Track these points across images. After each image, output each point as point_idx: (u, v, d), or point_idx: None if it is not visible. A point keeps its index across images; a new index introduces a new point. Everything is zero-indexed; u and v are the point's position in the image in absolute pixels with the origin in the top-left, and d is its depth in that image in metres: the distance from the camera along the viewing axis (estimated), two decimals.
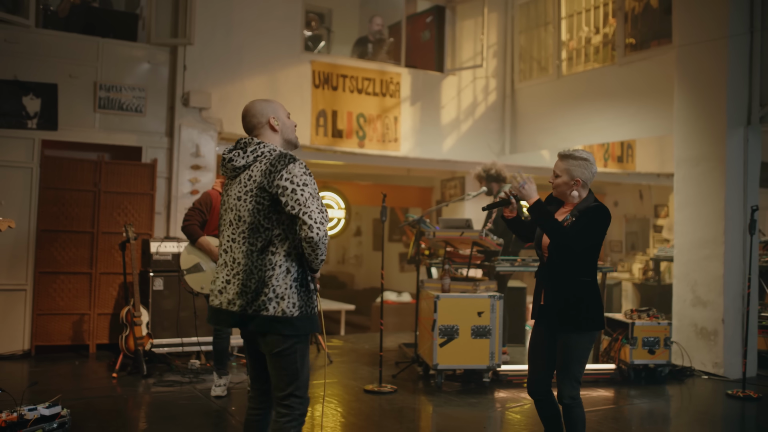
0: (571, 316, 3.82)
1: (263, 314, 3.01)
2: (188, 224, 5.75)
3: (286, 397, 3.07)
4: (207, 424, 5.15)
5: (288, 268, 3.05)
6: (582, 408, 3.86)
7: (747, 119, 7.04)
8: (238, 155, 3.14)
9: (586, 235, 3.77)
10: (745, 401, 6.09)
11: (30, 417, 4.45)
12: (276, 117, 3.22)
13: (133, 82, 7.77)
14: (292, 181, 2.99)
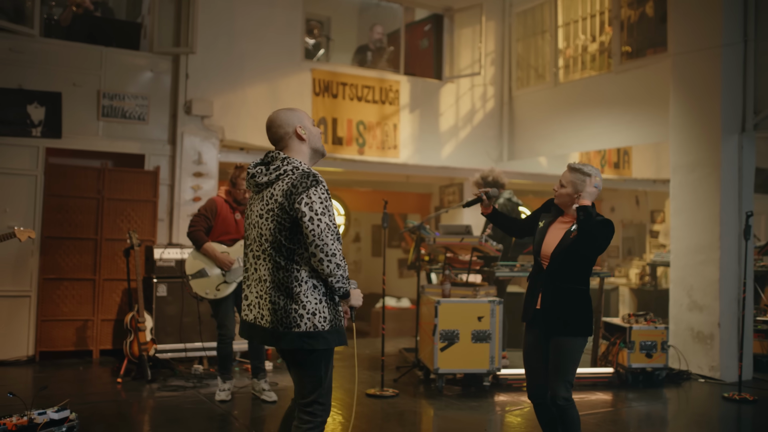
0: (568, 322, 3.93)
1: (295, 330, 3.05)
2: (193, 230, 5.84)
3: (310, 404, 3.15)
4: (212, 427, 5.22)
5: (315, 284, 3.08)
6: (576, 409, 3.96)
7: (741, 126, 7.16)
8: (261, 172, 3.16)
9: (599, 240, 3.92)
10: (741, 404, 6.19)
11: (39, 421, 4.52)
12: (302, 126, 3.22)
13: (136, 90, 7.87)
14: (311, 208, 3.00)
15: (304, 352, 3.09)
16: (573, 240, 3.91)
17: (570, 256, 3.94)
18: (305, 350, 3.08)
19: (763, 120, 7.09)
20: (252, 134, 8.42)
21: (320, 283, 3.10)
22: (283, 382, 6.64)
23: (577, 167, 4.01)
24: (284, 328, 3.06)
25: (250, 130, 8.42)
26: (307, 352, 3.09)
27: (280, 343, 3.08)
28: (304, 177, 3.06)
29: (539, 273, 4.08)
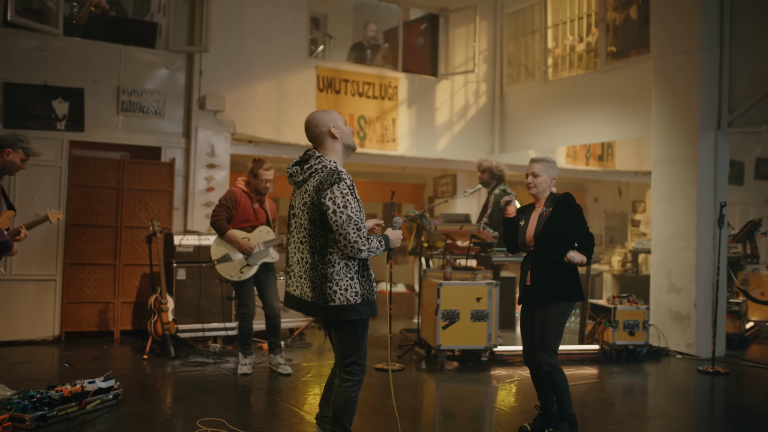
0: (549, 289, 4.55)
1: (331, 304, 3.60)
2: (216, 219, 6.35)
3: (349, 365, 3.72)
4: (240, 395, 5.77)
5: (346, 264, 3.61)
6: (562, 374, 4.57)
7: (717, 124, 7.78)
8: (297, 172, 3.71)
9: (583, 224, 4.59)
10: (715, 376, 6.83)
11: (90, 389, 5.05)
12: (335, 126, 3.73)
13: (153, 86, 8.34)
14: (334, 202, 3.53)
15: (340, 322, 3.65)
16: (546, 221, 4.58)
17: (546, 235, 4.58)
18: (341, 321, 3.64)
19: (737, 118, 7.71)
20: (261, 128, 8.93)
21: (352, 263, 3.63)
22: (296, 358, 7.19)
23: (542, 158, 4.77)
24: (322, 302, 3.62)
25: (259, 123, 8.93)
26: (343, 322, 3.65)
27: (320, 315, 3.66)
28: (330, 175, 3.57)
29: (529, 254, 4.72)
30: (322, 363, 7.16)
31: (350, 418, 3.74)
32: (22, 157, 5.22)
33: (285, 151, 9.16)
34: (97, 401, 5.03)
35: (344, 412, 3.72)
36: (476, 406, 5.78)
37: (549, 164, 4.74)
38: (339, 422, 3.73)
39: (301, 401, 5.60)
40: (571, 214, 4.60)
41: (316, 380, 6.36)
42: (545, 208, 4.66)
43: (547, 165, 4.72)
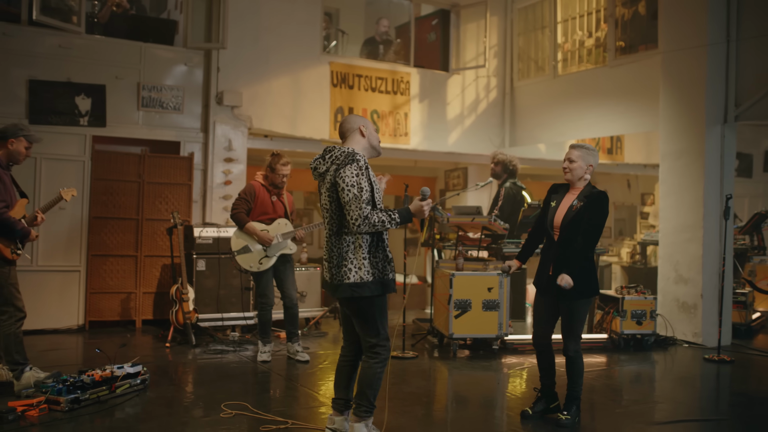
0: (577, 284, 4.69)
1: (345, 282, 3.89)
2: (236, 212, 6.58)
3: (374, 345, 3.97)
4: (261, 381, 6.00)
5: (359, 244, 3.90)
6: (582, 360, 4.77)
7: (724, 118, 7.93)
8: (320, 164, 3.99)
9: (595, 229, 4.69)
10: (720, 364, 7.01)
11: (119, 374, 5.29)
12: (366, 126, 4.08)
13: (172, 82, 8.56)
14: (344, 180, 3.83)
15: (355, 299, 3.91)
16: (575, 214, 4.69)
17: (574, 228, 4.70)
18: (355, 298, 3.89)
19: (743, 112, 7.86)
20: (276, 122, 9.15)
21: (364, 243, 3.89)
22: (312, 347, 7.42)
23: (580, 144, 4.86)
24: (338, 281, 3.90)
25: (275, 118, 9.15)
26: (357, 299, 3.91)
27: (337, 293, 3.93)
28: (347, 156, 3.88)
29: (551, 245, 4.85)
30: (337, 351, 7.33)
31: (375, 392, 4.01)
32: (26, 145, 5.36)
33: (300, 145, 9.38)
34: (126, 385, 5.27)
35: (369, 386, 3.98)
36: (487, 392, 5.99)
37: (588, 151, 4.78)
38: (364, 395, 4.00)
39: (318, 386, 5.83)
40: (595, 220, 4.67)
41: (332, 367, 6.58)
42: (578, 200, 4.72)
43: (585, 152, 4.77)
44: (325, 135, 9.41)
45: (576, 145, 4.85)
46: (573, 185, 4.86)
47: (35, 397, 4.82)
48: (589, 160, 4.77)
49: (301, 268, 8.42)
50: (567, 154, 4.84)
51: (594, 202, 4.69)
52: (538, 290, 4.97)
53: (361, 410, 4.04)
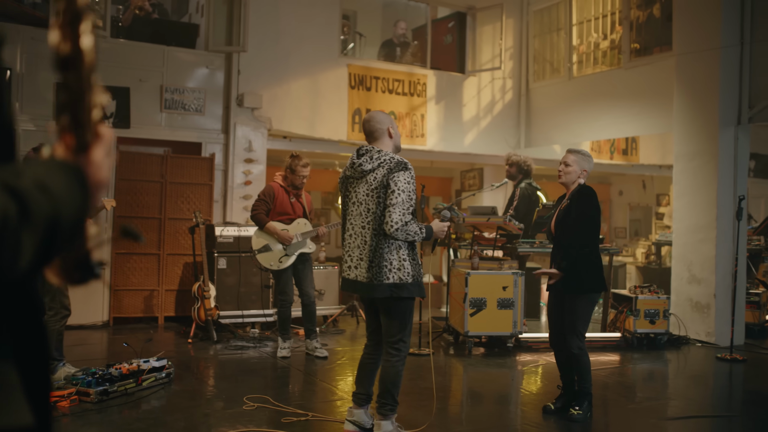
0: (572, 281, 4.85)
1: (386, 282, 4.02)
2: (255, 213, 6.76)
3: (397, 342, 4.13)
4: (281, 376, 6.18)
5: (399, 246, 4.04)
6: (587, 357, 4.91)
7: (737, 119, 8.02)
8: (367, 161, 4.10)
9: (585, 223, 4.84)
10: (733, 363, 7.10)
11: (145, 367, 5.48)
12: (393, 127, 4.22)
13: (193, 85, 8.77)
14: (397, 184, 3.98)
15: (393, 299, 4.04)
16: (565, 213, 4.88)
17: (565, 226, 4.88)
18: (394, 298, 4.02)
19: (757, 113, 7.94)
20: (295, 124, 9.33)
21: (404, 245, 4.05)
22: (330, 344, 7.59)
23: (578, 150, 5.05)
24: (377, 281, 4.02)
25: (294, 120, 9.33)
26: (395, 299, 4.03)
27: (375, 293, 4.04)
28: (399, 164, 4.05)
29: (554, 246, 5.04)
30: (355, 348, 7.54)
31: (398, 389, 4.18)
32: None
33: (318, 146, 9.55)
34: (152, 379, 5.46)
35: (393, 384, 4.15)
36: (502, 389, 6.13)
37: (583, 157, 4.97)
38: (389, 393, 4.16)
39: (336, 381, 5.99)
40: (584, 209, 4.83)
41: (350, 363, 6.75)
42: (568, 200, 4.96)
43: (581, 157, 4.96)
44: (342, 136, 9.58)
45: (572, 150, 5.04)
46: (567, 189, 5.05)
47: (66, 388, 5.02)
48: (584, 165, 4.95)
49: (319, 266, 8.59)
50: (563, 158, 5.03)
51: (578, 196, 4.88)
52: (550, 291, 5.12)
53: (386, 408, 4.19)
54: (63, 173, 1.07)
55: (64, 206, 1.04)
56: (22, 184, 0.98)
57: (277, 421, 4.64)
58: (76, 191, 1.09)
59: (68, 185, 1.07)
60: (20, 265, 0.97)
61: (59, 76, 1.10)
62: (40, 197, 1.00)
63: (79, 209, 1.09)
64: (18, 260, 0.97)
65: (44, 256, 1.02)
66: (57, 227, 1.02)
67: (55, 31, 1.08)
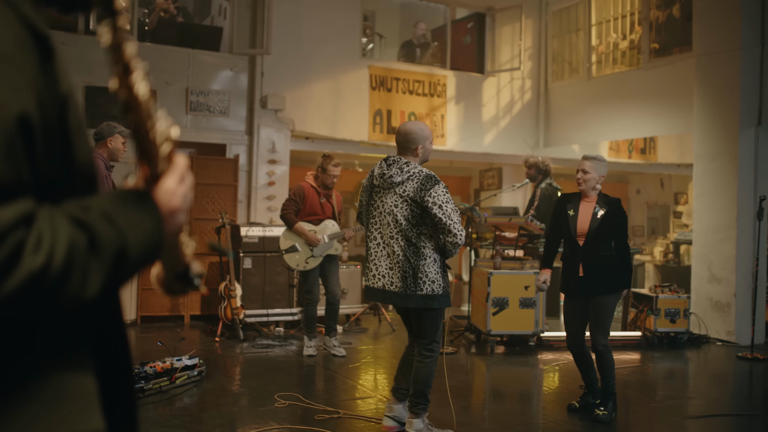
0: (605, 284, 4.97)
1: (419, 293, 4.16)
2: (285, 213, 6.88)
3: (429, 343, 4.29)
4: (308, 374, 6.32)
5: (435, 258, 4.18)
6: (611, 354, 5.02)
7: (758, 120, 8.07)
8: (397, 174, 4.20)
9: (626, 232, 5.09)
10: (753, 362, 7.17)
11: (178, 365, 5.63)
12: (423, 147, 4.31)
13: (218, 87, 8.92)
14: (437, 200, 4.07)
15: (428, 309, 4.19)
16: (601, 220, 4.98)
17: (601, 233, 5.00)
18: (427, 308, 4.17)
19: None
20: (318, 125, 9.46)
21: (438, 258, 4.18)
22: (354, 342, 7.72)
23: (593, 156, 5.17)
24: (411, 291, 4.15)
25: (317, 121, 9.46)
26: (429, 309, 4.18)
27: (408, 303, 4.18)
28: (429, 178, 4.14)
29: (576, 250, 5.10)
30: (378, 346, 7.68)
31: (429, 389, 4.33)
32: (123, 141, 5.73)
33: (340, 147, 9.68)
34: (185, 376, 5.61)
35: (426, 384, 4.29)
36: (524, 387, 6.24)
37: (599, 162, 5.11)
38: (422, 393, 4.31)
39: (362, 379, 6.13)
40: (620, 220, 5.06)
41: (374, 361, 6.88)
42: (599, 207, 5.04)
43: (597, 163, 5.09)
44: (364, 137, 9.70)
45: (588, 156, 5.15)
46: (586, 194, 5.15)
47: None
48: (601, 171, 5.10)
49: (342, 266, 8.72)
50: (580, 165, 5.13)
51: (615, 207, 5.05)
52: (567, 294, 5.22)
53: (418, 407, 4.33)
54: (132, 203, 1.15)
55: (131, 235, 1.10)
56: (90, 217, 1.06)
57: (310, 419, 4.78)
58: (146, 220, 1.15)
59: (136, 215, 1.14)
60: (88, 294, 1.05)
61: (125, 117, 1.21)
62: (107, 228, 1.07)
63: (149, 236, 1.15)
64: (86, 289, 1.04)
65: (113, 283, 1.09)
66: (125, 256, 1.09)
67: (114, 80, 1.18)
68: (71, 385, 1.16)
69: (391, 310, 9.11)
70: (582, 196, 5.17)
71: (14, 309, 1.00)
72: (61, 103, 1.17)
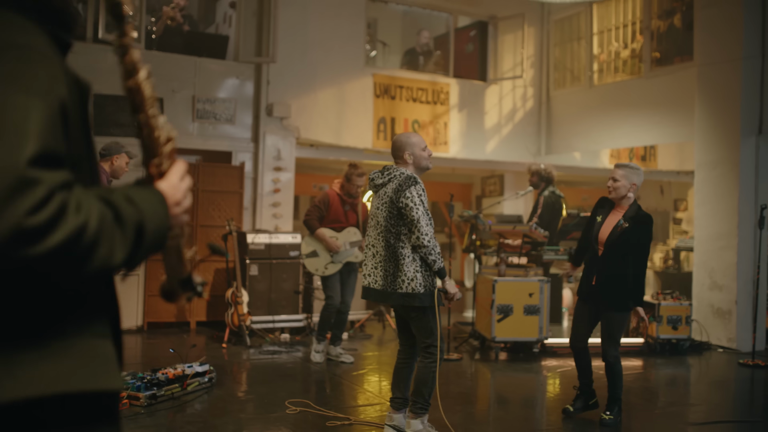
0: (615, 300, 5.01)
1: (399, 291, 4.29)
2: (308, 219, 6.98)
3: (428, 347, 4.37)
4: (317, 380, 6.40)
5: (413, 258, 4.30)
6: (621, 365, 5.08)
7: (759, 129, 8.17)
8: (378, 176, 4.46)
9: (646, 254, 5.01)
10: (755, 368, 7.25)
11: (189, 372, 5.70)
12: (411, 153, 4.47)
13: (224, 95, 9.00)
14: (411, 200, 4.25)
15: (410, 308, 4.32)
16: (620, 234, 4.97)
17: (619, 247, 4.99)
18: (407, 307, 4.31)
19: None
20: (322, 133, 9.55)
21: (417, 258, 4.30)
22: (359, 349, 7.79)
23: (625, 164, 5.12)
24: (391, 289, 4.31)
25: (321, 129, 9.55)
26: (412, 308, 4.32)
27: (388, 301, 4.35)
28: (407, 179, 4.32)
29: (595, 257, 5.15)
30: (383, 352, 7.76)
31: (430, 390, 4.41)
32: (127, 161, 5.86)
33: (344, 154, 9.76)
34: (196, 383, 5.68)
35: (424, 384, 4.39)
36: (528, 393, 6.33)
37: (632, 170, 5.02)
38: (419, 393, 4.41)
39: (368, 386, 6.20)
40: (643, 240, 4.97)
41: (379, 368, 6.96)
42: (624, 220, 4.96)
43: (630, 171, 5.01)
44: (368, 144, 9.79)
45: (620, 165, 5.09)
46: (618, 203, 5.13)
47: None
48: (633, 179, 5.00)
49: None
50: (611, 173, 5.10)
51: (641, 225, 4.94)
52: (580, 297, 5.29)
53: (417, 407, 4.42)
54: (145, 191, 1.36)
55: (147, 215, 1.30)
56: (114, 197, 1.26)
57: (321, 425, 4.85)
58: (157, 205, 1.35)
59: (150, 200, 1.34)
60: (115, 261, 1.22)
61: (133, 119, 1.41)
62: (129, 207, 1.26)
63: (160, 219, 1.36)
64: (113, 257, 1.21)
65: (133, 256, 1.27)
66: (143, 231, 1.28)
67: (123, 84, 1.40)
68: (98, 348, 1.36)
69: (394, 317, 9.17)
70: (615, 205, 5.14)
71: (56, 263, 1.14)
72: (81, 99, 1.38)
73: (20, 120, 1.14)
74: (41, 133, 1.16)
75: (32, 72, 1.21)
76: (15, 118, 1.14)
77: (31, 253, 1.11)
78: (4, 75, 1.17)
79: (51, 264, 1.14)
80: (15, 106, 1.15)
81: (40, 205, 1.10)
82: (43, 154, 1.14)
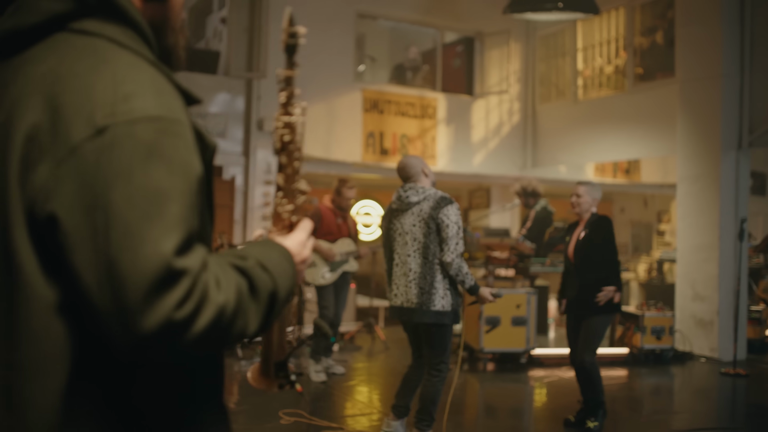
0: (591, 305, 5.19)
1: (433, 309, 4.36)
2: None
3: (438, 364, 4.47)
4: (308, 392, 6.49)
5: (445, 275, 4.40)
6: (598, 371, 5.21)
7: (738, 143, 8.38)
8: (414, 194, 4.48)
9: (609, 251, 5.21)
10: (736, 378, 7.42)
11: None
12: (425, 167, 4.60)
13: (215, 110, 9.12)
14: (449, 218, 4.35)
15: (437, 325, 4.39)
16: (584, 240, 5.23)
17: (586, 252, 5.24)
18: (437, 324, 4.37)
19: (757, 138, 8.31)
20: (312, 146, 9.67)
21: (447, 276, 4.39)
22: (349, 360, 7.90)
23: (587, 182, 5.51)
24: (426, 307, 4.36)
25: (311, 142, 9.66)
26: (439, 325, 4.39)
27: (423, 318, 4.38)
28: (443, 198, 4.43)
29: (570, 273, 5.36)
30: (372, 364, 7.88)
31: (436, 407, 4.52)
32: None
33: (334, 168, 9.89)
34: None
35: (432, 402, 4.49)
36: (516, 403, 6.47)
37: (592, 187, 5.39)
38: (426, 410, 4.50)
39: (359, 396, 6.32)
40: (606, 236, 5.24)
41: (369, 379, 7.08)
42: (584, 230, 5.30)
43: (590, 188, 5.38)
44: (357, 158, 9.94)
45: (582, 182, 5.47)
46: (581, 218, 5.41)
47: None
48: (594, 195, 5.35)
49: None
50: (575, 189, 5.41)
51: (599, 226, 5.25)
52: (566, 312, 5.46)
53: (423, 424, 4.53)
54: (276, 252, 1.31)
55: (279, 281, 1.25)
56: (248, 264, 1.21)
57: None
58: (287, 267, 1.30)
59: (281, 264, 1.29)
60: (250, 331, 1.19)
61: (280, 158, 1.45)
62: (263, 275, 1.22)
63: (290, 281, 1.30)
64: (248, 327, 1.18)
65: (266, 323, 1.23)
66: (276, 298, 1.24)
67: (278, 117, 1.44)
68: None
69: (384, 328, 9.30)
70: (579, 222, 5.44)
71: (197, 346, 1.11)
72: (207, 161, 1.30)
73: (163, 203, 1.06)
74: (184, 217, 1.09)
75: (172, 144, 1.10)
76: (158, 201, 1.06)
77: (179, 344, 1.08)
78: (143, 148, 1.07)
79: (193, 348, 1.10)
80: (158, 189, 1.06)
81: (187, 296, 1.06)
82: (187, 239, 1.08)
